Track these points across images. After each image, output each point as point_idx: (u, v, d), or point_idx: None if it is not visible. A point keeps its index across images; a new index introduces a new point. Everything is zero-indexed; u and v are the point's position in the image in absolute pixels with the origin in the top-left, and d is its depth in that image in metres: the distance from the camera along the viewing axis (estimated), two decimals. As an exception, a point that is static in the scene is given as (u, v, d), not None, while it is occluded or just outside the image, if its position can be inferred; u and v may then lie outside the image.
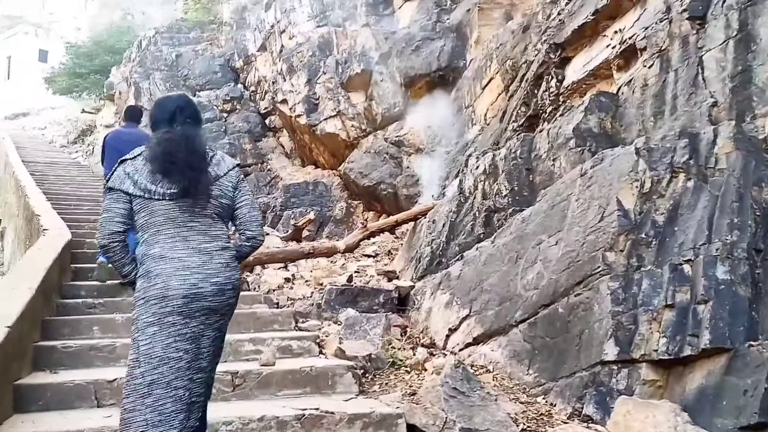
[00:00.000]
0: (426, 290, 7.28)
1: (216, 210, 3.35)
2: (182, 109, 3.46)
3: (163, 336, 3.13)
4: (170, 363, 3.11)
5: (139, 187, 3.25)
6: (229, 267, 3.32)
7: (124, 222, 3.31)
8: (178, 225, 3.26)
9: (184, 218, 3.27)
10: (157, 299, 3.16)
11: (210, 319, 3.23)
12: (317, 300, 7.43)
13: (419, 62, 13.26)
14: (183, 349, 3.15)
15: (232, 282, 3.31)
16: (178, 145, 3.25)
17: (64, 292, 7.42)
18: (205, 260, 3.24)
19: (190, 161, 3.24)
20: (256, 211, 3.52)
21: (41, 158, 22.75)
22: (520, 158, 7.32)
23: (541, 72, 8.43)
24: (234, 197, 3.42)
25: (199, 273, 3.20)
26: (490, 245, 6.50)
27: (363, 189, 13.90)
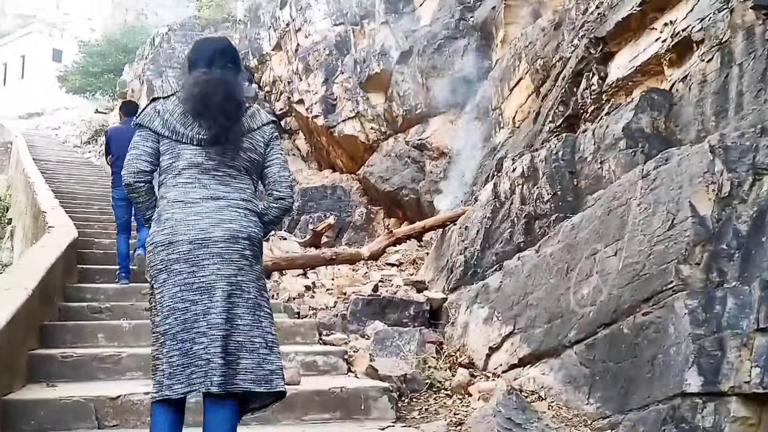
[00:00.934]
0: (461, 303, 6.66)
1: (244, 163, 3.14)
2: (222, 52, 3.25)
3: (170, 284, 2.94)
4: (176, 314, 2.92)
5: (168, 128, 3.09)
6: (247, 218, 3.07)
7: (151, 161, 3.13)
8: (201, 171, 3.07)
9: (209, 165, 3.07)
10: (163, 245, 2.98)
11: (223, 269, 2.95)
12: (342, 311, 6.83)
13: (442, 62, 12.66)
14: (189, 299, 2.92)
15: (248, 232, 3.04)
16: (215, 88, 3.06)
17: (68, 294, 6.85)
18: (221, 206, 3.03)
19: (225, 107, 3.04)
20: (287, 171, 3.28)
21: (53, 157, 22.34)
22: (562, 160, 6.70)
23: (581, 69, 7.82)
24: (265, 154, 3.22)
25: (210, 218, 2.99)
26: (534, 255, 5.87)
27: (383, 194, 13.30)
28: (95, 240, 9.43)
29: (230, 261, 2.96)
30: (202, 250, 2.95)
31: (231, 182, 3.10)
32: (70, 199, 14.00)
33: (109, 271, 7.88)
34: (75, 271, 7.53)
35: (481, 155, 11.63)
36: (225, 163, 3.09)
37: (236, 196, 3.08)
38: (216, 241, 2.96)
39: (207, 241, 2.95)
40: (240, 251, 2.99)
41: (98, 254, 8.65)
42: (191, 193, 3.04)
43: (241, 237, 3.00)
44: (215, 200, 3.03)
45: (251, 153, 3.16)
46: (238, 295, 2.97)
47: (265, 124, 3.23)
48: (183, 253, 2.95)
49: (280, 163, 3.24)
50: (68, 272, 7.07)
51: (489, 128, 11.81)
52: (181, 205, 3.02)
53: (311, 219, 13.35)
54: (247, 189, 3.15)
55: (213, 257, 2.95)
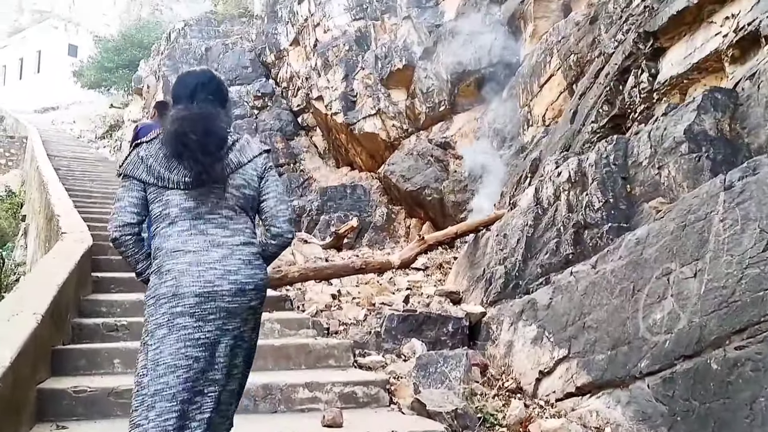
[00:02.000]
0: (503, 319, 6.05)
1: (238, 201, 2.90)
2: (204, 85, 2.99)
3: (173, 340, 2.71)
4: (177, 372, 2.69)
5: (153, 174, 2.84)
6: (252, 265, 2.85)
7: (138, 212, 2.89)
8: (195, 217, 2.83)
9: (202, 210, 2.85)
10: (167, 298, 2.74)
11: (228, 323, 2.77)
12: (374, 327, 6.23)
13: (468, 57, 12.05)
14: (193, 356, 2.71)
15: (255, 281, 2.84)
16: (192, 125, 2.80)
17: (83, 308, 6.26)
18: (224, 255, 2.81)
19: (205, 144, 2.79)
20: (284, 204, 3.02)
21: (68, 153, 21.87)
22: (613, 165, 6.08)
23: (628, 65, 7.18)
24: (260, 187, 2.97)
25: (215, 269, 2.77)
26: (590, 271, 5.25)
27: (405, 194, 12.68)
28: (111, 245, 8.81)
29: (236, 314, 2.79)
30: (209, 304, 2.74)
31: (229, 224, 2.87)
32: (84, 198, 13.47)
33: (125, 280, 7.30)
34: (89, 282, 6.95)
35: (508, 154, 11.01)
36: (218, 204, 2.86)
37: (237, 241, 2.85)
38: (223, 295, 2.75)
39: (214, 294, 2.74)
40: (247, 303, 2.81)
41: (113, 261, 8.05)
42: (190, 241, 2.81)
43: (248, 289, 2.81)
44: (217, 248, 2.81)
45: (245, 189, 2.92)
46: (239, 346, 2.84)
47: (256, 155, 2.96)
48: (189, 306, 2.73)
49: (276, 196, 2.98)
50: (82, 284, 6.49)
51: (517, 126, 11.18)
52: (182, 254, 2.79)
53: (331, 219, 12.76)
54: (246, 229, 2.92)
55: (219, 311, 2.75)
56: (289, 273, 6.63)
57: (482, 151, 11.64)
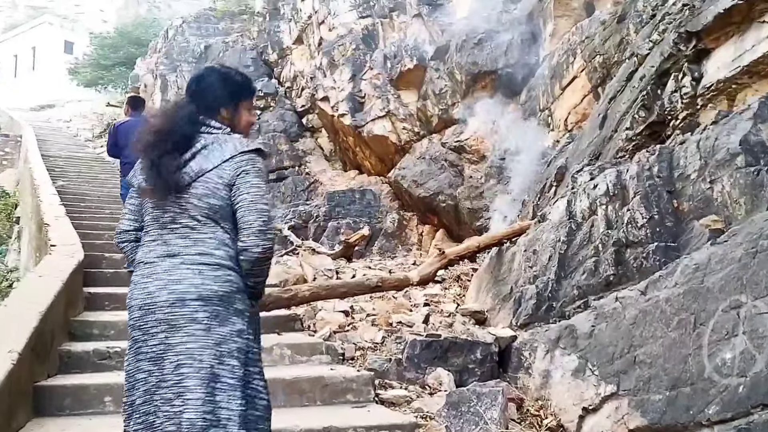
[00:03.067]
0: (536, 345, 5.58)
1: (202, 212, 2.72)
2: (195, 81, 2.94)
3: (131, 354, 2.71)
4: (137, 384, 2.66)
5: (135, 181, 2.86)
6: (202, 275, 2.66)
7: (136, 219, 2.91)
8: (161, 226, 2.77)
9: (166, 218, 2.75)
10: (129, 311, 2.76)
11: (171, 338, 2.61)
12: (394, 352, 5.75)
13: (483, 58, 11.57)
14: (145, 370, 2.64)
15: (200, 291, 2.63)
16: (151, 125, 2.80)
17: (72, 330, 5.80)
18: (174, 264, 2.68)
19: (158, 146, 2.71)
20: (254, 214, 2.70)
21: (63, 152, 21.35)
22: (657, 177, 5.61)
23: (667, 68, 6.69)
24: (232, 195, 2.72)
25: (159, 280, 2.67)
26: (639, 297, 4.78)
27: (418, 199, 12.22)
28: (105, 255, 8.36)
29: (177, 328, 2.62)
30: (150, 317, 2.65)
31: (190, 234, 2.72)
32: (78, 202, 13.01)
33: (121, 296, 6.80)
34: (80, 299, 6.48)
35: (527, 161, 10.54)
36: (182, 213, 2.73)
37: (193, 251, 2.70)
38: (161, 307, 2.63)
39: (152, 306, 2.65)
40: (189, 315, 2.61)
41: (108, 274, 7.59)
42: (150, 252, 2.76)
43: (189, 299, 2.62)
44: (171, 258, 2.70)
45: (209, 199, 2.71)
46: (188, 365, 2.59)
47: (226, 160, 2.72)
48: (135, 319, 2.70)
49: (246, 205, 2.70)
50: (72, 303, 6.02)
51: (536, 131, 10.71)
52: (141, 266, 2.77)
53: (340, 226, 12.29)
54: (209, 240, 2.71)
55: (160, 324, 2.63)
56: (299, 292, 6.15)
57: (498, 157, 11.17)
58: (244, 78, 3.05)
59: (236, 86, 2.97)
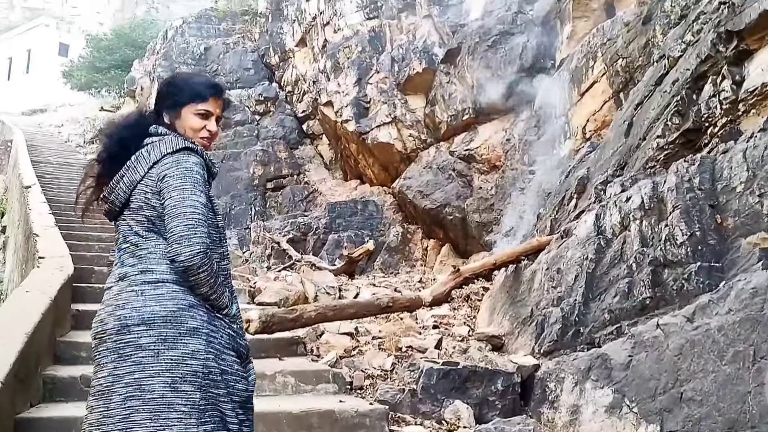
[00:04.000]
0: (564, 376, 5.15)
1: (142, 226, 2.58)
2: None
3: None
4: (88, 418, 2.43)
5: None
6: (144, 295, 2.46)
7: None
8: (118, 248, 2.65)
9: (119, 237, 2.66)
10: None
11: (119, 368, 2.39)
12: (407, 381, 5.33)
13: (497, 61, 11.16)
14: (90, 406, 2.44)
15: (142, 315, 2.43)
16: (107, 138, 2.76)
17: (59, 351, 5.38)
18: (122, 288, 2.51)
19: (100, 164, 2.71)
20: (176, 219, 2.48)
21: (53, 158, 20.94)
22: (699, 189, 5.19)
23: (704, 71, 6.26)
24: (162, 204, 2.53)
25: (108, 306, 2.51)
26: (685, 324, 4.35)
27: (423, 212, 11.80)
28: (94, 269, 7.94)
29: (125, 357, 2.40)
30: (102, 347, 2.47)
31: (135, 252, 2.57)
32: (69, 211, 12.50)
33: (109, 314, 6.41)
34: (68, 317, 6.05)
35: (542, 171, 10.13)
36: (128, 230, 2.60)
37: (136, 270, 2.53)
38: (109, 335, 2.45)
39: (103, 334, 2.48)
40: (134, 342, 2.41)
41: (97, 290, 7.12)
42: (110, 276, 2.63)
43: (132, 324, 2.42)
44: (121, 280, 2.54)
45: (144, 211, 2.56)
46: (137, 397, 2.37)
47: (151, 166, 2.56)
48: (93, 348, 2.55)
49: (168, 211, 2.49)
50: (59, 321, 5.60)
51: (552, 139, 10.30)
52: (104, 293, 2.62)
53: (341, 239, 11.87)
54: (150, 255, 2.54)
55: (110, 354, 2.43)
56: (305, 313, 5.73)
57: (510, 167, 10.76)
58: (194, 81, 2.87)
59: (179, 89, 2.78)
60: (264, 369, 5.25)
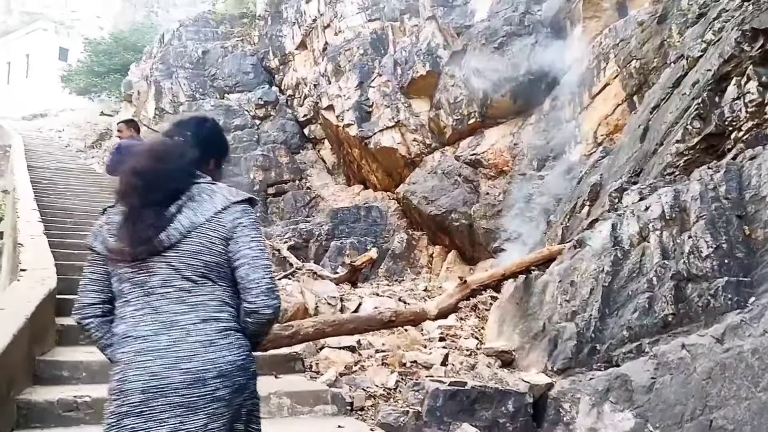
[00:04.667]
0: (579, 396, 4.84)
1: (197, 271, 2.31)
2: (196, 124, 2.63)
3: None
4: None
5: (103, 243, 2.38)
6: (215, 345, 2.27)
7: (101, 290, 2.42)
8: (147, 292, 2.31)
9: (154, 282, 2.30)
10: (114, 394, 2.24)
11: (188, 422, 2.18)
12: (412, 402, 5.02)
13: (504, 63, 10.86)
14: None
15: (218, 367, 2.25)
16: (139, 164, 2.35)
17: (39, 371, 5.05)
18: (176, 339, 2.25)
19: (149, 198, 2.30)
20: (260, 272, 2.35)
21: (52, 164, 20.65)
22: (725, 199, 4.89)
23: (727, 71, 5.96)
24: (229, 251, 2.34)
25: (165, 357, 2.23)
26: (713, 345, 4.05)
27: (428, 218, 11.49)
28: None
29: (196, 410, 2.23)
30: (158, 401, 2.22)
31: (186, 298, 2.32)
32: (63, 218, 12.26)
33: (97, 329, 6.09)
34: (51, 333, 5.74)
35: (551, 177, 9.82)
36: (173, 275, 2.32)
37: (195, 317, 2.30)
38: (176, 389, 2.22)
39: (165, 389, 2.22)
40: (211, 395, 2.24)
41: (85, 302, 6.84)
42: (141, 324, 2.31)
43: (209, 378, 2.25)
44: (168, 330, 2.28)
45: (203, 256, 2.34)
46: None
47: (219, 211, 2.38)
48: (135, 405, 2.23)
49: (248, 262, 2.36)
50: (39, 339, 5.27)
51: (562, 144, 9.99)
52: (131, 341, 2.31)
53: (343, 246, 11.56)
54: (210, 302, 2.34)
55: (174, 408, 2.21)
56: (301, 329, 5.41)
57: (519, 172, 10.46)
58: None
59: (225, 140, 2.77)
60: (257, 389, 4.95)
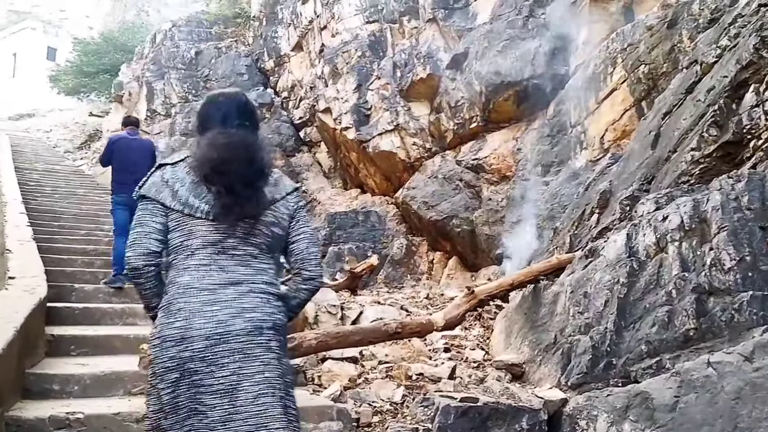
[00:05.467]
0: (597, 414, 4.70)
1: (266, 240, 2.73)
2: (239, 109, 2.84)
3: (186, 385, 2.50)
4: (199, 416, 2.48)
5: (179, 200, 2.68)
6: (271, 305, 2.67)
7: (161, 240, 2.71)
8: (219, 251, 2.66)
9: (227, 244, 2.66)
10: (174, 341, 2.54)
11: (247, 367, 2.52)
12: (421, 418, 4.88)
13: (507, 67, 10.75)
14: (209, 404, 2.48)
15: (273, 320, 2.64)
16: (235, 151, 2.67)
17: (28, 385, 4.86)
18: (241, 292, 2.62)
19: (246, 174, 2.65)
20: (316, 247, 2.88)
21: (39, 165, 20.42)
22: (748, 210, 4.75)
23: (745, 78, 5.83)
24: (290, 227, 2.80)
25: (230, 307, 2.58)
26: (742, 364, 3.91)
27: (428, 223, 11.36)
28: (75, 286, 7.45)
29: (254, 357, 2.54)
30: (221, 346, 2.52)
31: (252, 263, 2.70)
32: (51, 220, 12.07)
33: (91, 339, 5.96)
34: (41, 344, 5.54)
35: (556, 183, 9.70)
36: (245, 240, 2.70)
37: (258, 279, 2.68)
38: (237, 335, 2.54)
39: (227, 335, 2.53)
40: (266, 344, 2.59)
41: (76, 311, 6.67)
42: (207, 277, 2.62)
43: (266, 327, 2.60)
44: (235, 285, 2.63)
45: (274, 228, 2.76)
46: (270, 395, 2.54)
47: (289, 192, 2.84)
48: (199, 350, 2.51)
49: (308, 237, 2.82)
50: (29, 351, 5.09)
51: (567, 149, 9.87)
52: (196, 292, 2.59)
53: (342, 251, 11.40)
54: (269, 270, 2.75)
55: (234, 354, 2.52)
56: (304, 341, 5.24)
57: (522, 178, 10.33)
58: None
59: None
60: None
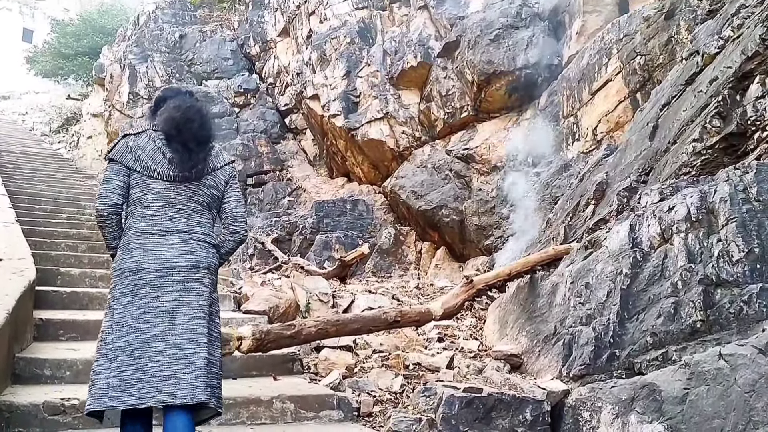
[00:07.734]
0: (601, 405, 4.66)
1: (206, 199, 3.52)
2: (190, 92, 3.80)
3: (135, 307, 3.25)
4: (137, 333, 3.21)
5: (140, 163, 3.41)
6: (206, 250, 3.45)
7: (123, 195, 3.45)
8: (168, 205, 3.42)
9: (175, 200, 3.43)
10: (131, 272, 3.30)
11: (186, 296, 3.31)
12: (423, 409, 4.79)
13: (499, 56, 10.69)
14: (152, 321, 3.23)
15: (207, 262, 3.43)
16: (192, 116, 3.48)
17: (19, 370, 4.76)
18: (184, 239, 3.39)
19: (200, 135, 3.47)
20: (243, 208, 3.68)
21: (16, 148, 20.13)
22: (756, 201, 4.72)
23: (750, 69, 5.80)
24: (224, 191, 3.61)
25: (175, 250, 3.35)
26: (756, 356, 3.88)
27: (417, 213, 11.28)
28: (60, 270, 7.29)
29: (191, 288, 3.33)
30: (167, 278, 3.31)
31: (194, 216, 3.47)
32: (32, 204, 11.89)
33: (80, 324, 5.82)
34: (30, 328, 5.41)
35: (548, 174, 9.66)
36: (190, 198, 3.47)
37: (198, 230, 3.46)
38: (180, 270, 3.33)
39: (172, 270, 3.32)
40: (200, 280, 3.37)
41: (64, 295, 6.52)
42: (158, 225, 3.39)
43: (201, 267, 3.39)
44: (179, 233, 3.40)
45: (213, 190, 3.55)
46: (201, 318, 3.32)
47: (226, 163, 3.64)
48: (149, 279, 3.29)
49: (236, 199, 3.64)
50: (19, 335, 4.97)
51: (558, 140, 9.83)
52: (149, 236, 3.37)
53: (329, 240, 11.29)
54: (207, 223, 3.53)
55: (176, 285, 3.31)
56: (304, 329, 5.15)
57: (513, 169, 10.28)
58: None
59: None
60: (259, 393, 4.70)
